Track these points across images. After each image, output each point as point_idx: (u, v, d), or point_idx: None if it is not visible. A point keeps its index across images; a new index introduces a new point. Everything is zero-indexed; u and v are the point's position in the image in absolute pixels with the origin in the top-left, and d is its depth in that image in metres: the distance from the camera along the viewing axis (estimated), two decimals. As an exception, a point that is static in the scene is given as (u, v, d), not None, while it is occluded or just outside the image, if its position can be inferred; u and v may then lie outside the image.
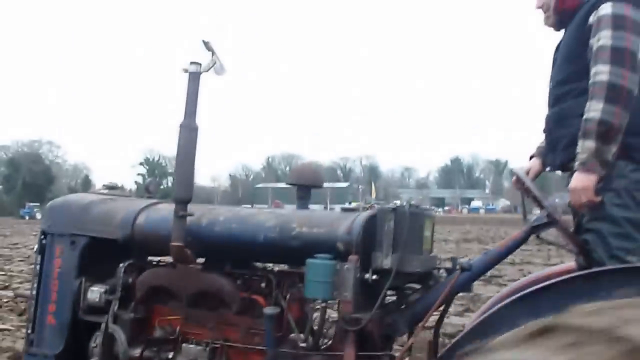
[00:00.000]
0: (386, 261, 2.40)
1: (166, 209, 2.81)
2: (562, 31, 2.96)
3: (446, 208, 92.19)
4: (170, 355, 2.70)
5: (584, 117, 2.51)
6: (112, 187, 3.25)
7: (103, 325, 2.75)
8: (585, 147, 2.49)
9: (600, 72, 2.49)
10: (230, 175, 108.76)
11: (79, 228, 2.92)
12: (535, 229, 2.60)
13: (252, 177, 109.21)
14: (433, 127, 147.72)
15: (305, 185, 2.99)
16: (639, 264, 2.23)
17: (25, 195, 73.35)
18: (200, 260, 2.82)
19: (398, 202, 2.59)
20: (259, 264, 2.82)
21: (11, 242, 21.35)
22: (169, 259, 2.83)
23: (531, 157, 3.09)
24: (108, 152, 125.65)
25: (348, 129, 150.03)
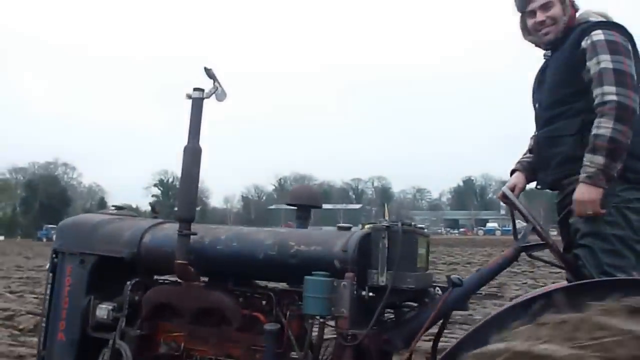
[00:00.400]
0: (381, 278, 2.47)
1: (170, 228, 2.90)
2: (542, 52, 3.09)
3: (461, 230, 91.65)
4: None
5: (594, 132, 2.63)
6: (120, 208, 3.37)
7: (110, 342, 2.83)
8: (594, 161, 2.61)
9: (609, 93, 2.63)
10: (242, 196, 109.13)
11: (88, 247, 3.02)
12: (526, 248, 2.69)
13: (264, 198, 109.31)
14: (444, 147, 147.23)
15: (304, 206, 3.11)
16: (614, 278, 2.33)
17: (42, 217, 74.07)
18: (204, 278, 2.91)
19: (413, 223, 2.68)
20: (259, 282, 2.91)
21: (35, 265, 21.45)
22: (173, 277, 2.93)
23: (512, 172, 3.18)
24: (122, 173, 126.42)
25: (359, 150, 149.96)
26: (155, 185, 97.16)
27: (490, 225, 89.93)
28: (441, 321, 2.75)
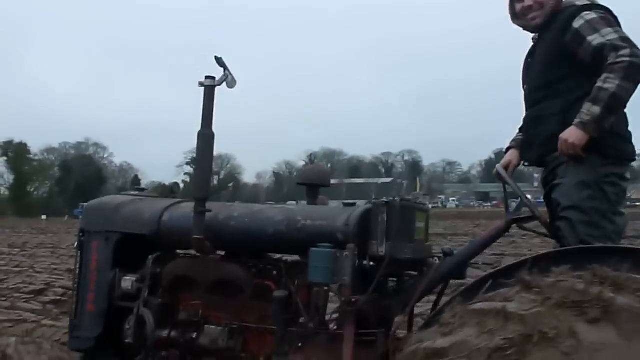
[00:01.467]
0: (380, 249, 2.62)
1: (188, 207, 3.09)
2: (531, 35, 3.20)
3: (494, 202, 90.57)
4: (194, 335, 2.98)
5: (599, 85, 2.76)
6: (141, 189, 3.60)
7: (135, 310, 3.04)
8: (590, 111, 2.75)
9: (624, 55, 2.75)
10: (274, 173, 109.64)
11: (113, 225, 3.23)
12: (517, 220, 2.85)
13: (295, 173, 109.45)
14: (475, 120, 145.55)
15: (314, 184, 3.30)
16: (587, 245, 2.49)
17: (77, 196, 75.29)
18: (220, 252, 3.12)
19: (443, 197, 2.85)
20: (270, 255, 3.11)
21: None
22: (191, 251, 3.15)
23: (507, 149, 3.33)
24: (154, 152, 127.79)
25: (390, 123, 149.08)
26: (187, 163, 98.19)
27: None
28: (440, 288, 2.91)
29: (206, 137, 2.91)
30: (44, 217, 60.98)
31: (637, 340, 1.57)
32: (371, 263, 2.68)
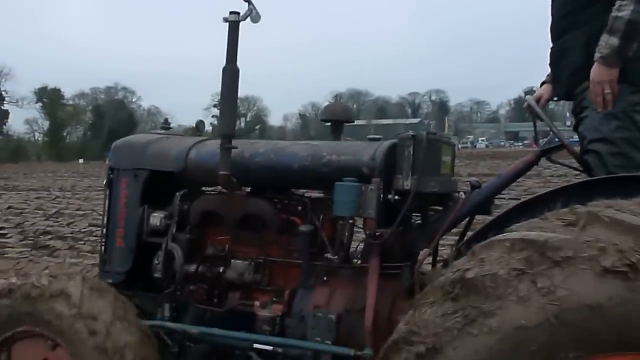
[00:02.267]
0: (406, 182, 2.61)
1: (214, 144, 3.10)
2: None
3: (525, 142, 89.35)
4: (221, 270, 3.04)
5: (614, 14, 2.66)
6: (167, 128, 3.60)
7: (163, 246, 3.09)
8: (609, 43, 2.66)
9: None
10: (299, 114, 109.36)
11: (141, 163, 3.25)
12: (546, 152, 2.80)
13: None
14: (503, 57, 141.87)
15: (338, 121, 3.28)
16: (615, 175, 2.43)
17: (111, 140, 76.03)
18: (245, 188, 3.14)
19: (471, 137, 2.81)
20: (295, 190, 3.12)
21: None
22: (218, 188, 3.17)
23: (542, 84, 3.25)
24: (182, 95, 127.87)
25: (417, 62, 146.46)
26: (214, 105, 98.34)
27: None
28: (466, 222, 2.90)
29: (231, 72, 2.88)
30: (81, 160, 61.89)
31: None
32: (396, 197, 2.67)
